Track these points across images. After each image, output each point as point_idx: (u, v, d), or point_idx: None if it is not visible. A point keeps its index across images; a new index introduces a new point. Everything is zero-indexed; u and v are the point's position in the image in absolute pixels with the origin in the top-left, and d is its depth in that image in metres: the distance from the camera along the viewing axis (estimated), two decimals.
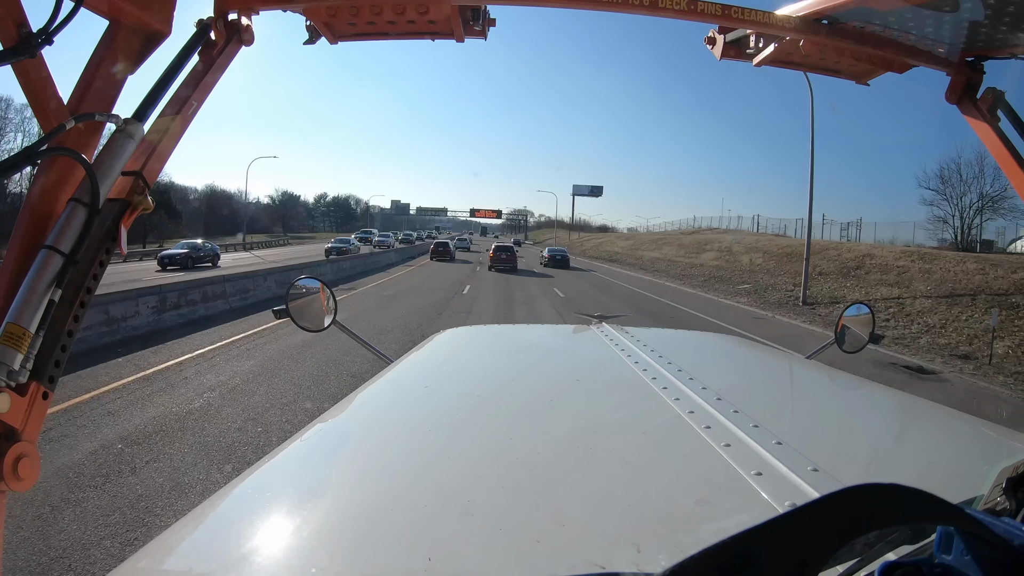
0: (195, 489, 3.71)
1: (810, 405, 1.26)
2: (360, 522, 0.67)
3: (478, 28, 1.30)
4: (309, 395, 5.88)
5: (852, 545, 0.32)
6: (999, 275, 14.47)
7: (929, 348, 11.16)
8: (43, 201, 0.84)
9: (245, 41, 1.12)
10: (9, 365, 0.72)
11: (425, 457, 0.85)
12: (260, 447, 4.41)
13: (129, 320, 8.59)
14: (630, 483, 0.75)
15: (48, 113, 0.83)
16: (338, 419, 1.07)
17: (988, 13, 1.07)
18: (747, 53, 1.42)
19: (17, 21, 0.76)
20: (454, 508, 0.68)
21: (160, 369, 6.74)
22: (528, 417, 1.02)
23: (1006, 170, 1.18)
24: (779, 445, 0.81)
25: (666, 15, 1.25)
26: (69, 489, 3.66)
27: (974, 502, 0.58)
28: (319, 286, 1.88)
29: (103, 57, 0.91)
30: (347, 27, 1.28)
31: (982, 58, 1.25)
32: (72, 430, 4.67)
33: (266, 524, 0.69)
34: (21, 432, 0.73)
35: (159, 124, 0.96)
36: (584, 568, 0.55)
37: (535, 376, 1.40)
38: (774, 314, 15.53)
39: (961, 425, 1.13)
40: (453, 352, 1.71)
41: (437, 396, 1.21)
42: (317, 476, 0.83)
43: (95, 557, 2.99)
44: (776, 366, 1.70)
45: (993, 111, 1.21)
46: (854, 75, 1.47)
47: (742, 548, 0.29)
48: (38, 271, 0.76)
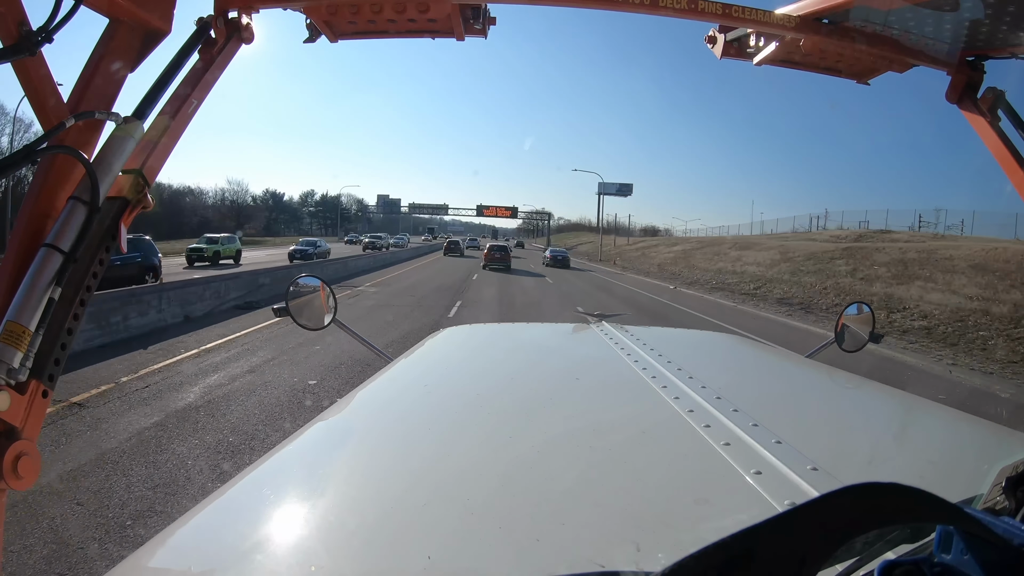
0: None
1: (810, 404, 1.26)
2: (360, 520, 0.67)
3: (478, 27, 1.30)
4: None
5: (851, 544, 0.32)
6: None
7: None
8: (43, 199, 0.84)
9: (245, 39, 1.12)
10: (9, 363, 0.72)
11: (425, 455, 0.85)
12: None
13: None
14: (630, 482, 0.75)
15: (48, 111, 0.83)
16: (338, 417, 1.07)
17: (988, 12, 1.07)
18: (748, 52, 1.42)
19: (17, 19, 0.76)
20: (454, 506, 0.68)
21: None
22: (528, 416, 1.02)
23: (1006, 170, 1.18)
24: (779, 444, 0.81)
25: (667, 14, 1.25)
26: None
27: (974, 501, 0.58)
28: (319, 284, 1.88)
29: (103, 55, 0.91)
30: (347, 25, 1.28)
31: (982, 57, 1.25)
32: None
33: (266, 522, 0.69)
34: (21, 430, 0.73)
35: (159, 122, 0.96)
36: (584, 566, 0.55)
37: (535, 375, 1.40)
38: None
39: (961, 424, 1.13)
40: (453, 351, 1.71)
41: (437, 395, 1.21)
42: (317, 474, 0.83)
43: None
44: (776, 365, 1.70)
45: (993, 111, 1.20)
46: (854, 74, 1.46)
47: (741, 547, 0.29)
48: (38, 269, 0.76)
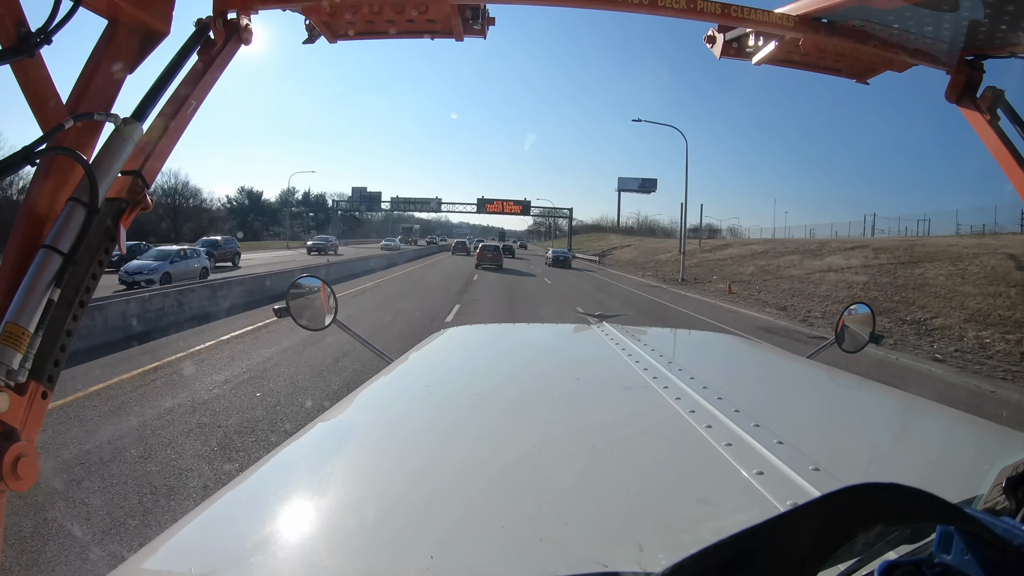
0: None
1: (811, 405, 1.26)
2: (362, 520, 0.67)
3: (477, 27, 1.30)
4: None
5: (852, 544, 0.32)
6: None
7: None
8: (42, 200, 0.84)
9: (244, 40, 1.12)
10: (8, 365, 0.72)
11: (426, 456, 0.85)
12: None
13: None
14: (631, 482, 0.75)
15: (47, 112, 0.83)
16: (339, 418, 1.07)
17: (988, 12, 1.07)
18: (747, 52, 1.42)
19: (16, 20, 0.76)
20: (456, 506, 0.68)
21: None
22: (529, 416, 1.02)
23: (1006, 169, 1.18)
24: (780, 444, 0.81)
25: (666, 14, 1.25)
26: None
27: (974, 502, 0.58)
28: (319, 284, 1.88)
29: (102, 56, 0.91)
30: (346, 26, 1.28)
31: (982, 57, 1.25)
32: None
33: (267, 523, 0.69)
34: (20, 432, 0.73)
35: (158, 123, 0.96)
36: (585, 567, 0.55)
37: (536, 375, 1.40)
38: None
39: (961, 425, 1.13)
40: (454, 351, 1.71)
41: (438, 395, 1.21)
42: (318, 475, 0.83)
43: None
44: (777, 366, 1.69)
45: (993, 110, 1.20)
46: (854, 74, 1.47)
47: (742, 547, 0.29)
48: (37, 271, 0.76)
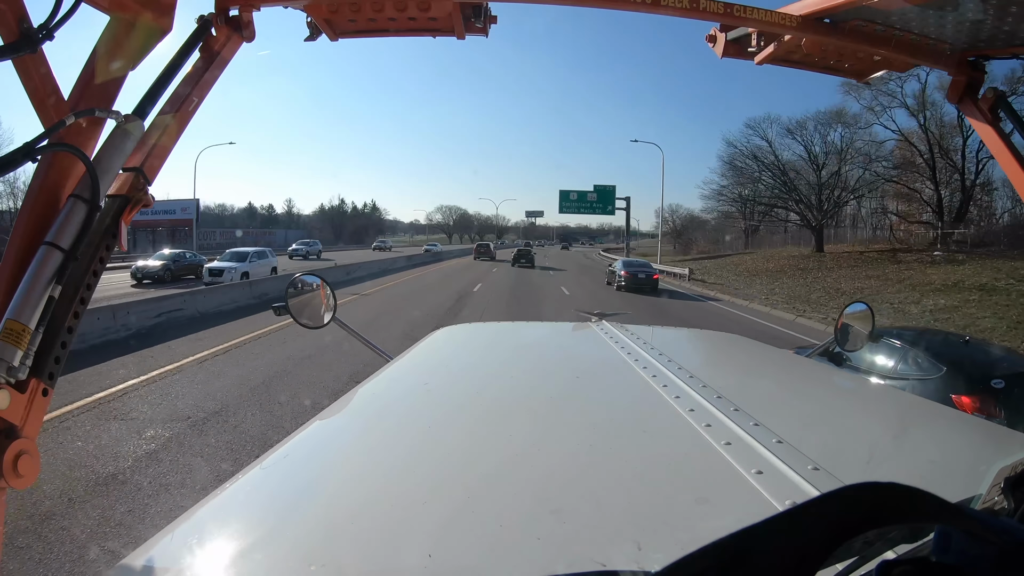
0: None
1: (810, 404, 1.26)
2: (360, 519, 0.67)
3: (479, 25, 1.30)
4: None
5: (850, 544, 0.32)
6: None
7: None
8: (43, 197, 0.84)
9: (246, 37, 1.12)
10: (9, 362, 0.72)
11: (425, 454, 0.86)
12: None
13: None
14: (630, 481, 0.75)
15: (48, 109, 0.83)
16: (337, 416, 1.08)
17: (990, 12, 1.07)
18: (749, 51, 1.42)
19: (18, 16, 0.76)
20: (454, 505, 0.68)
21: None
22: (528, 414, 1.03)
23: (1007, 170, 1.18)
24: (779, 443, 0.81)
25: (668, 13, 1.25)
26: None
27: (973, 501, 0.58)
28: (319, 282, 1.87)
29: (104, 53, 0.91)
30: (348, 23, 1.28)
31: (983, 57, 1.25)
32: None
33: (265, 521, 0.69)
34: (21, 429, 0.73)
35: (159, 120, 0.96)
36: (584, 565, 0.55)
37: (535, 373, 1.40)
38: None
39: (960, 424, 1.14)
40: (453, 349, 1.71)
41: (436, 393, 1.21)
42: (316, 473, 0.83)
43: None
44: (776, 364, 1.70)
45: (994, 111, 1.20)
46: (855, 73, 1.47)
47: (740, 546, 0.29)
48: (38, 267, 0.76)
